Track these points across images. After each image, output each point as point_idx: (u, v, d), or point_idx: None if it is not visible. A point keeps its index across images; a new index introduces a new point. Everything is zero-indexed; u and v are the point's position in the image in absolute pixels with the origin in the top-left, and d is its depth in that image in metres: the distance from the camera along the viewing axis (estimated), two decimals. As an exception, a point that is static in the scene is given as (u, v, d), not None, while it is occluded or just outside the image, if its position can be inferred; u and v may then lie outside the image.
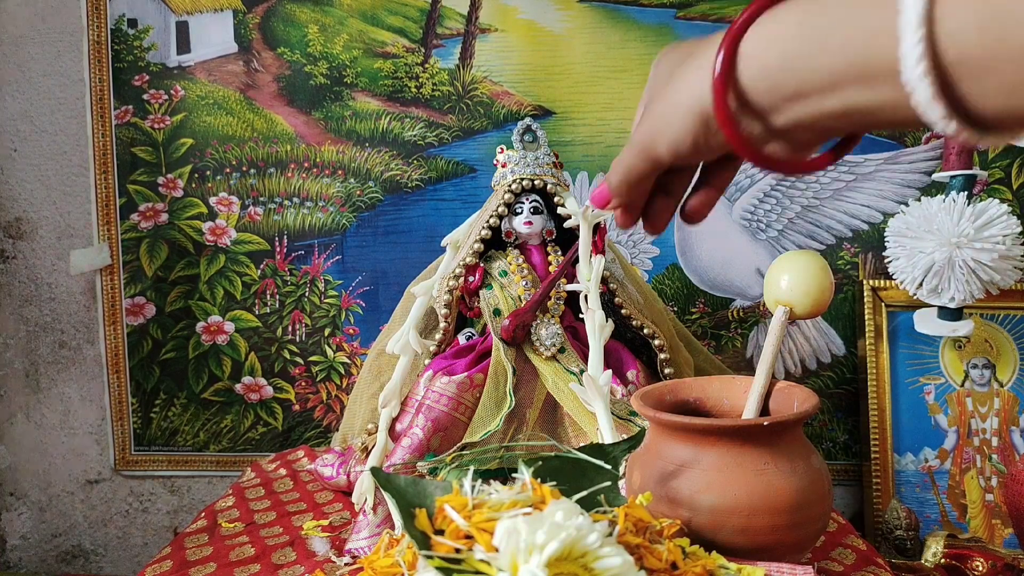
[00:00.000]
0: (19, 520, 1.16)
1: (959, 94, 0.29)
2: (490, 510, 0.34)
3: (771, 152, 0.38)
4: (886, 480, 1.00)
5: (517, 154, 0.74)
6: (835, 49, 0.32)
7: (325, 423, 1.11)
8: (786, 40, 0.34)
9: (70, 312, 1.12)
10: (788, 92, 0.35)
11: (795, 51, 0.34)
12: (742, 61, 0.36)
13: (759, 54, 0.35)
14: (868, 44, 0.30)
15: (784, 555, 0.45)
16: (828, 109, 0.34)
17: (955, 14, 0.28)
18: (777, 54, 0.34)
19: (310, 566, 0.63)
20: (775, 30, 0.35)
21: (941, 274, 0.90)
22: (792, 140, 0.37)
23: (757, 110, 0.36)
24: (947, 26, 0.28)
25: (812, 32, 0.33)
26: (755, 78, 0.35)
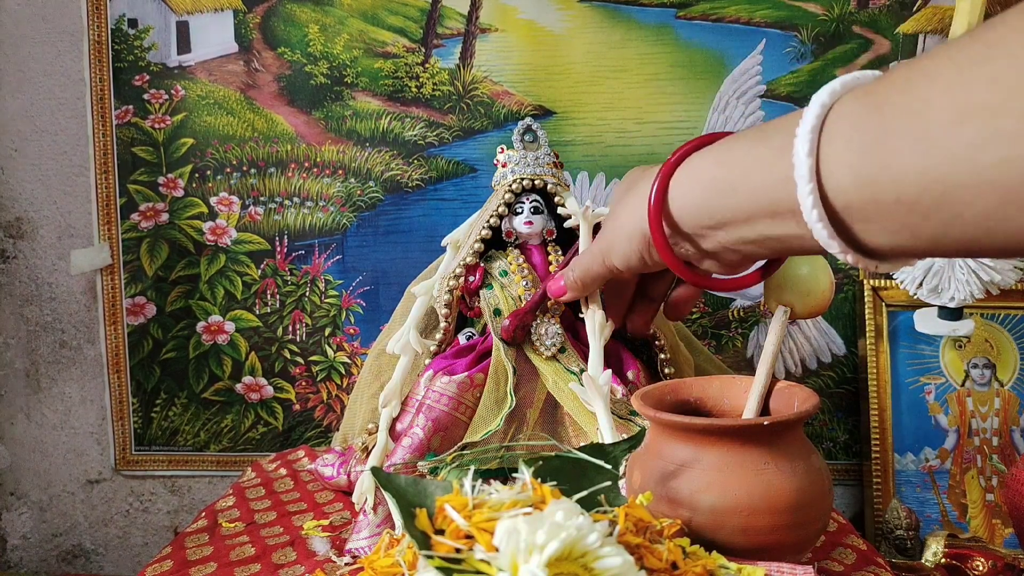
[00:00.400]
0: (20, 520, 1.16)
1: (851, 234, 0.33)
2: (490, 510, 0.34)
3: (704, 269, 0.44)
4: (886, 480, 1.00)
5: (517, 154, 0.74)
6: (745, 194, 0.37)
7: (325, 423, 1.11)
8: (704, 182, 0.40)
9: (70, 312, 1.12)
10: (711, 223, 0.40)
11: (710, 195, 0.39)
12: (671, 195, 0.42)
13: (684, 192, 0.41)
14: (773, 189, 0.35)
15: (784, 555, 0.45)
16: (746, 236, 0.38)
17: (836, 173, 0.32)
18: (698, 194, 0.40)
19: (310, 566, 0.63)
20: (697, 172, 0.40)
21: (941, 274, 0.90)
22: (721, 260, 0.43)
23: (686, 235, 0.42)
24: (831, 183, 0.32)
25: (724, 180, 0.38)
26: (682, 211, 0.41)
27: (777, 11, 1.02)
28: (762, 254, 0.41)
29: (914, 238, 0.31)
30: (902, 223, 0.31)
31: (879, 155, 0.30)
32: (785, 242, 0.37)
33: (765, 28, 1.03)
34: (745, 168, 0.37)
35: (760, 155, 0.36)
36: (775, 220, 0.36)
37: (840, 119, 0.32)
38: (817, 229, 0.33)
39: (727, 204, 0.38)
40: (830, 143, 0.32)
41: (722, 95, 1.04)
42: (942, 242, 0.30)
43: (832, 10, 1.02)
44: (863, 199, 0.31)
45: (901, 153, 0.29)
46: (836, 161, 0.32)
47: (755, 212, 0.37)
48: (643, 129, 1.04)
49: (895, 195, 0.30)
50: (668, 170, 0.42)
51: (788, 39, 1.03)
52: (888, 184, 0.30)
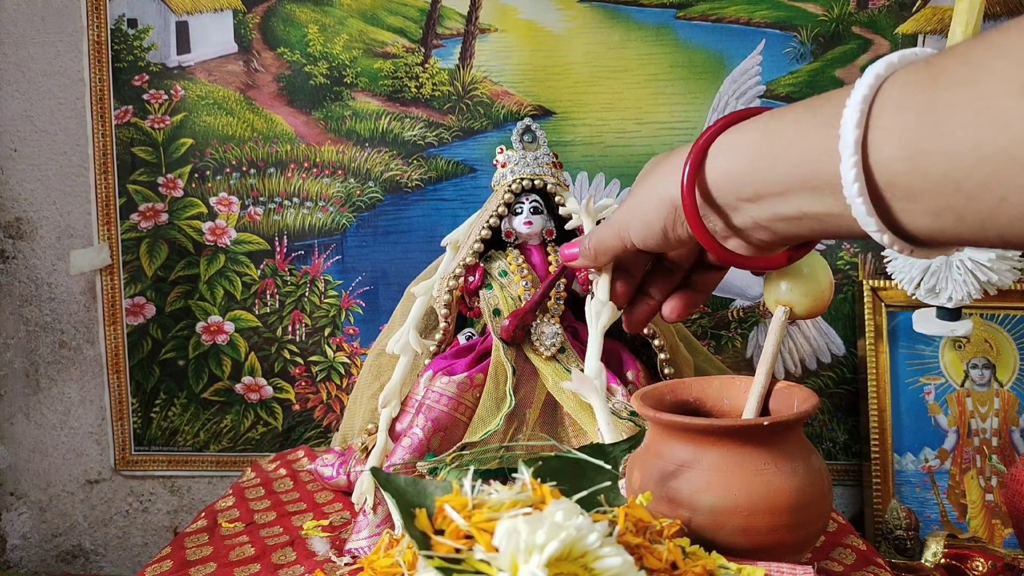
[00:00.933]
0: (19, 520, 1.16)
1: (891, 212, 0.32)
2: (490, 510, 0.34)
3: (732, 248, 0.42)
4: (886, 480, 1.00)
5: (517, 154, 0.74)
6: (787, 165, 0.35)
7: (325, 423, 1.11)
8: (748, 149, 0.38)
9: (70, 312, 1.12)
10: (747, 195, 0.38)
11: (755, 161, 0.37)
12: (709, 163, 0.40)
13: (724, 160, 0.39)
14: (816, 161, 0.34)
15: (784, 555, 0.45)
16: (781, 212, 0.37)
17: (885, 144, 0.31)
18: (739, 161, 0.38)
19: (310, 566, 0.63)
20: (740, 140, 0.39)
21: (938, 274, 0.90)
22: (749, 239, 0.41)
23: (719, 208, 0.40)
24: (878, 155, 0.31)
25: (769, 149, 0.37)
26: (719, 179, 0.39)
27: (776, 11, 1.02)
28: (794, 234, 0.39)
29: (957, 221, 0.30)
30: (947, 204, 0.30)
31: (932, 126, 0.29)
32: (821, 220, 0.36)
33: (765, 28, 1.03)
34: (790, 138, 0.36)
35: (807, 125, 0.35)
36: (814, 194, 0.35)
37: (894, 90, 0.31)
38: (856, 204, 0.32)
39: (768, 174, 0.37)
40: (880, 114, 0.31)
41: (722, 95, 1.04)
42: (985, 228, 0.29)
43: (832, 10, 1.02)
44: (910, 174, 0.30)
45: (955, 125, 0.28)
46: (885, 132, 0.31)
47: (795, 184, 0.36)
48: (643, 129, 1.04)
49: (944, 170, 0.29)
50: (710, 136, 0.40)
51: (788, 39, 1.03)
52: (938, 157, 0.29)
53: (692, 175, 0.40)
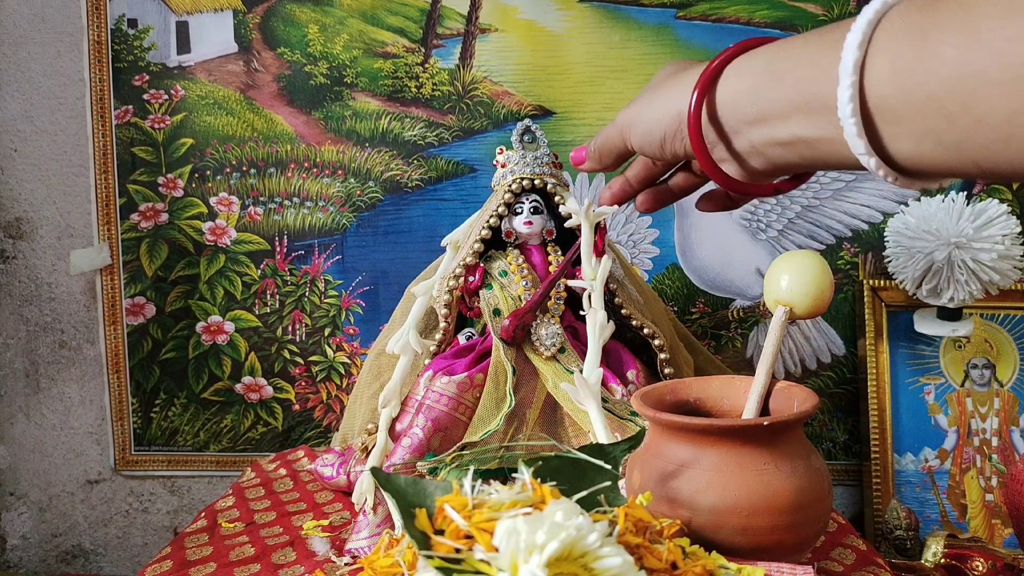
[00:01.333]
0: (19, 520, 1.16)
1: (878, 135, 0.33)
2: (490, 510, 0.34)
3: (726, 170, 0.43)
4: (886, 480, 1.00)
5: (517, 154, 0.74)
6: (790, 84, 0.37)
7: (325, 423, 1.11)
8: (755, 73, 0.40)
9: (70, 312, 1.12)
10: (749, 116, 0.40)
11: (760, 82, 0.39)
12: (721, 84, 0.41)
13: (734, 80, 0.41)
14: (815, 83, 0.35)
15: (784, 555, 0.45)
16: (778, 136, 0.39)
17: (878, 66, 0.32)
18: (746, 83, 0.40)
19: (310, 566, 0.63)
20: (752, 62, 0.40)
21: (940, 274, 0.90)
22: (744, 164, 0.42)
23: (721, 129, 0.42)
24: (872, 76, 0.32)
25: (775, 69, 0.38)
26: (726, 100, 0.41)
27: (777, 11, 1.02)
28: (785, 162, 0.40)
29: (936, 144, 0.31)
30: (928, 126, 0.31)
31: (922, 46, 0.31)
32: (813, 146, 0.37)
33: (765, 28, 1.03)
34: (797, 58, 0.37)
35: (814, 47, 0.36)
36: (809, 117, 0.36)
37: (895, 14, 0.32)
38: (848, 125, 0.33)
39: (771, 94, 0.38)
40: (880, 37, 0.32)
41: (722, 95, 1.03)
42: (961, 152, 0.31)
43: (832, 10, 1.02)
44: (897, 95, 0.32)
45: (943, 44, 0.30)
46: (880, 54, 0.32)
47: (793, 107, 0.37)
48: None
49: (927, 90, 0.30)
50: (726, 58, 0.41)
51: (788, 39, 1.02)
52: (923, 76, 0.30)
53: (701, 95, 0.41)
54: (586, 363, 0.66)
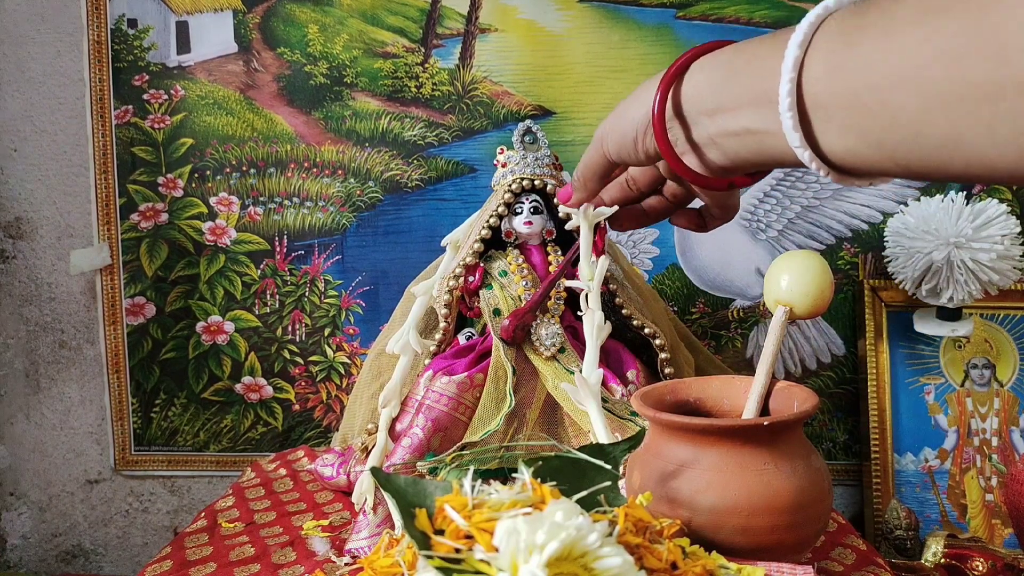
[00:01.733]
0: (19, 520, 1.16)
1: (812, 130, 0.36)
2: (490, 510, 0.34)
3: (687, 163, 0.46)
4: (886, 480, 1.00)
5: (517, 154, 0.74)
6: (743, 79, 0.40)
7: (325, 423, 1.11)
8: (717, 68, 0.42)
9: (70, 312, 1.12)
10: (707, 108, 0.42)
11: (719, 77, 0.42)
12: (686, 79, 0.44)
13: (698, 75, 0.43)
14: (764, 78, 0.37)
15: (784, 555, 0.45)
16: (730, 127, 0.41)
17: (814, 63, 0.35)
18: (708, 77, 0.43)
19: (310, 566, 0.63)
20: (713, 60, 0.43)
21: (940, 274, 0.90)
22: (703, 157, 0.45)
23: (683, 119, 0.44)
24: (809, 73, 0.35)
25: (733, 65, 0.41)
26: (690, 93, 0.44)
27: (777, 11, 1.02)
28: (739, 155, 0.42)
29: (860, 140, 0.34)
30: (853, 122, 0.33)
31: (849, 47, 0.33)
32: (760, 139, 0.39)
33: (765, 28, 1.03)
34: (752, 55, 0.40)
35: (768, 46, 0.38)
36: (757, 111, 0.38)
37: (833, 18, 0.35)
38: (786, 119, 0.35)
39: (728, 88, 0.41)
40: (819, 37, 0.35)
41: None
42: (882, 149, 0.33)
43: (832, 10, 1.02)
44: (828, 90, 0.34)
45: (866, 45, 0.32)
46: (817, 51, 0.34)
47: (744, 100, 0.39)
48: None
49: (853, 88, 0.33)
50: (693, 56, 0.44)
51: (788, 39, 1.02)
52: (850, 75, 0.33)
53: (666, 88, 0.44)
54: (584, 363, 0.66)
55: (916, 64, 0.30)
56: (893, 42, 0.31)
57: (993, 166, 0.30)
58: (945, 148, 0.30)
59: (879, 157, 0.34)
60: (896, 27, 0.31)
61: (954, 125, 0.29)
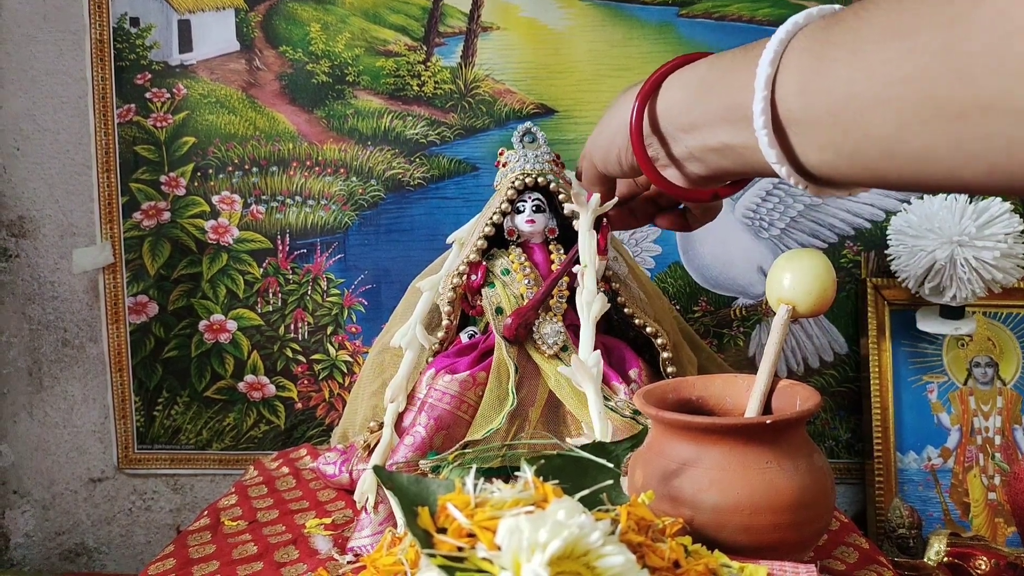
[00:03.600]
0: (22, 518, 1.16)
1: (789, 144, 0.36)
2: (492, 508, 0.34)
3: (668, 176, 0.46)
4: (889, 478, 1.00)
5: (517, 153, 0.74)
6: (717, 96, 0.40)
7: (328, 421, 1.11)
8: (689, 85, 0.43)
9: (73, 310, 1.12)
10: (684, 124, 0.43)
11: (693, 94, 0.42)
12: (661, 95, 0.44)
13: (672, 92, 0.44)
14: (737, 95, 0.37)
15: (787, 554, 0.45)
16: (709, 143, 0.41)
17: (786, 81, 0.35)
18: (682, 94, 0.43)
19: (313, 564, 0.63)
20: (689, 74, 0.43)
21: (943, 272, 0.90)
22: (685, 170, 0.45)
23: (661, 136, 0.45)
24: (782, 90, 0.35)
25: (706, 82, 0.41)
26: (665, 109, 0.44)
27: (779, 9, 1.02)
28: (721, 167, 0.43)
29: (836, 155, 0.34)
30: (828, 138, 0.34)
31: (820, 65, 0.33)
32: (740, 153, 0.40)
33: (767, 26, 1.02)
34: (724, 71, 0.40)
35: (740, 62, 0.39)
36: (734, 127, 0.39)
37: (802, 36, 0.35)
38: (761, 136, 0.36)
39: (702, 105, 0.41)
40: (789, 56, 0.35)
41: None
42: (855, 161, 0.34)
43: (834, 8, 1.01)
44: (801, 108, 0.35)
45: (836, 63, 0.32)
46: (787, 71, 0.35)
47: (720, 116, 0.40)
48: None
49: (826, 106, 0.33)
50: (667, 70, 0.45)
51: (790, 37, 1.02)
52: (822, 93, 0.33)
53: (641, 106, 0.45)
54: (580, 344, 0.66)
55: (885, 83, 0.30)
56: (861, 59, 0.31)
57: (965, 180, 0.30)
58: (919, 163, 0.31)
59: (856, 170, 0.34)
60: (863, 44, 0.31)
61: (926, 142, 0.30)
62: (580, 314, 0.67)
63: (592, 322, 0.66)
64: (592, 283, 0.67)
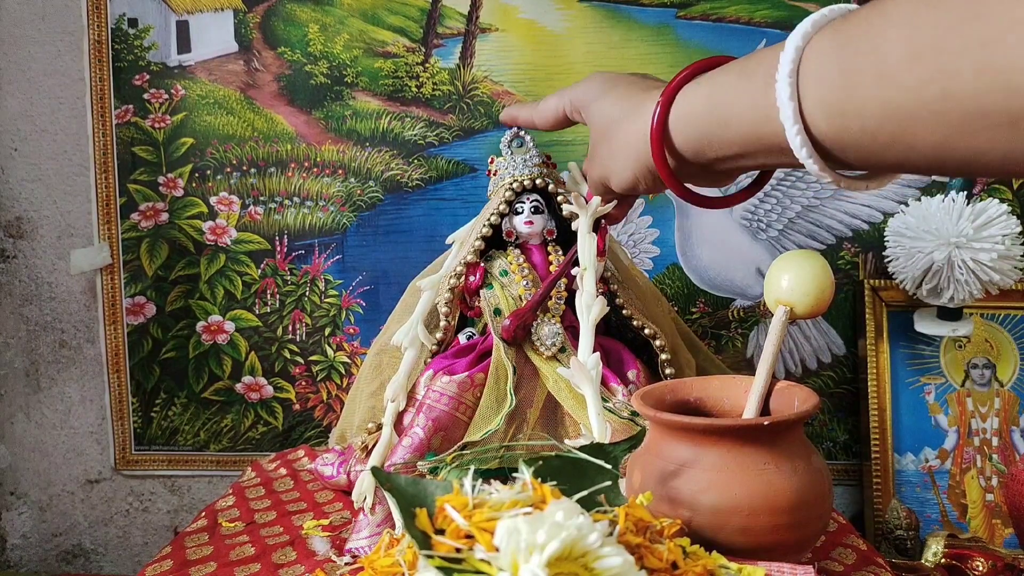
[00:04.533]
0: (19, 519, 1.16)
1: (832, 158, 0.37)
2: (491, 510, 0.34)
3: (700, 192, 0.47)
4: (886, 480, 1.00)
5: (507, 159, 0.74)
6: (738, 128, 0.40)
7: (325, 423, 1.11)
8: (699, 117, 0.42)
9: (70, 311, 1.12)
10: (710, 157, 0.43)
11: (708, 128, 0.42)
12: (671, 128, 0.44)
13: (682, 126, 0.44)
14: (762, 125, 0.38)
15: (785, 555, 0.45)
16: (745, 165, 0.43)
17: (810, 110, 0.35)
18: (694, 128, 0.43)
19: (310, 565, 0.63)
20: (690, 107, 0.43)
21: (940, 274, 0.90)
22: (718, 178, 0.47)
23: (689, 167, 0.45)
24: (811, 120, 0.36)
25: (718, 112, 0.41)
26: (683, 145, 0.44)
27: (777, 11, 1.02)
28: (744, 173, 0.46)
29: (883, 165, 0.35)
30: (869, 152, 0.35)
31: (844, 90, 0.34)
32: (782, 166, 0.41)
33: (765, 28, 1.03)
34: (733, 104, 0.40)
35: (745, 92, 0.39)
36: (770, 154, 0.40)
37: (811, 59, 0.35)
38: (809, 164, 0.37)
39: (722, 138, 0.41)
40: (806, 84, 0.35)
41: (722, 95, 1.03)
42: (906, 167, 0.34)
43: (832, 10, 1.01)
44: (834, 132, 0.35)
45: (863, 87, 0.33)
46: (811, 102, 0.35)
47: (750, 147, 0.40)
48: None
49: (860, 126, 0.34)
50: (665, 104, 0.44)
51: (788, 39, 1.02)
52: (853, 117, 0.34)
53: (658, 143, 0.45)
54: (580, 346, 0.66)
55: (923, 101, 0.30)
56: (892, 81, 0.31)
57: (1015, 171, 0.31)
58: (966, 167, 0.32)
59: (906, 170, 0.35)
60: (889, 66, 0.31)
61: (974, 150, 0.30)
62: (580, 317, 0.67)
63: (592, 325, 0.66)
64: (592, 286, 0.67)
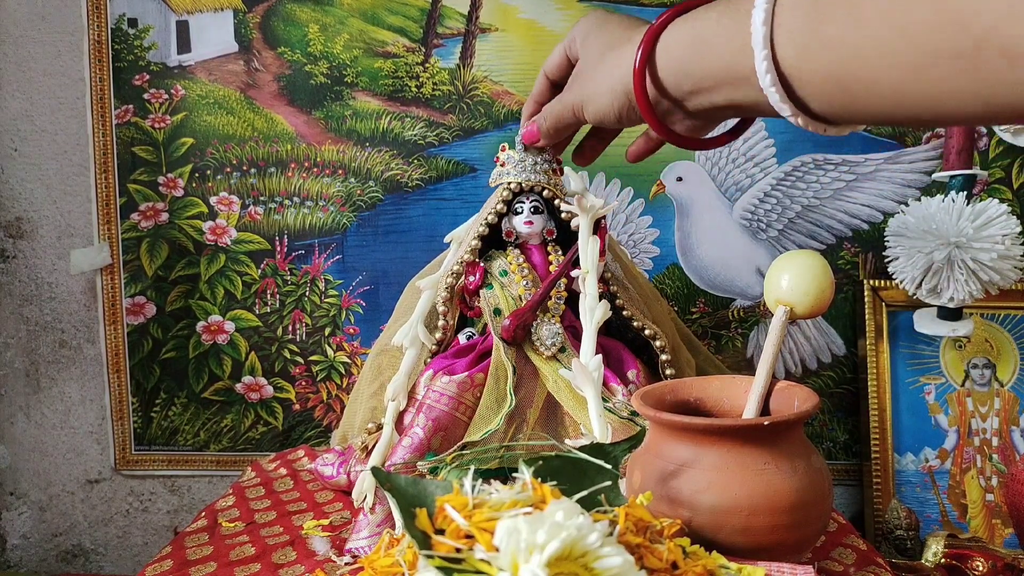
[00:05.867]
0: (19, 519, 1.16)
1: (797, 96, 0.37)
2: (490, 510, 0.34)
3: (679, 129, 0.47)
4: (886, 480, 1.00)
5: (517, 155, 0.73)
6: (713, 58, 0.41)
7: (325, 423, 1.11)
8: (682, 48, 0.43)
9: (70, 311, 1.12)
10: (687, 89, 0.44)
11: (688, 59, 0.43)
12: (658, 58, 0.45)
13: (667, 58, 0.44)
14: (735, 56, 0.39)
15: (784, 555, 0.45)
16: (717, 101, 0.43)
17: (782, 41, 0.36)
18: (678, 59, 0.44)
19: (310, 565, 0.63)
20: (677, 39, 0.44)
21: (940, 274, 0.90)
22: (694, 123, 0.47)
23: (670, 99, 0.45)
24: (780, 50, 0.36)
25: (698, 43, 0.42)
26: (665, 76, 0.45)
27: (777, 11, 1.02)
28: (727, 116, 0.45)
29: (843, 108, 0.36)
30: (830, 94, 0.35)
31: (815, 23, 0.34)
32: (748, 107, 0.41)
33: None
34: (714, 34, 0.41)
35: (726, 23, 0.39)
36: (738, 87, 0.40)
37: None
38: (771, 93, 0.37)
39: (700, 70, 0.42)
40: (780, 12, 0.36)
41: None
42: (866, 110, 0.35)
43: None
44: (802, 67, 0.36)
45: (832, 22, 0.33)
46: (782, 30, 0.36)
47: (721, 78, 0.41)
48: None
49: (825, 66, 0.35)
50: (652, 35, 0.44)
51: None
52: (819, 52, 0.34)
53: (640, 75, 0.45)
54: (582, 348, 0.66)
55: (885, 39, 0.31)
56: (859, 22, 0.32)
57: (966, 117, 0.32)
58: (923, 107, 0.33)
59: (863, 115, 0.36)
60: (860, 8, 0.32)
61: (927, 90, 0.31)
62: (583, 320, 0.67)
63: (595, 328, 0.66)
64: (594, 289, 0.67)
